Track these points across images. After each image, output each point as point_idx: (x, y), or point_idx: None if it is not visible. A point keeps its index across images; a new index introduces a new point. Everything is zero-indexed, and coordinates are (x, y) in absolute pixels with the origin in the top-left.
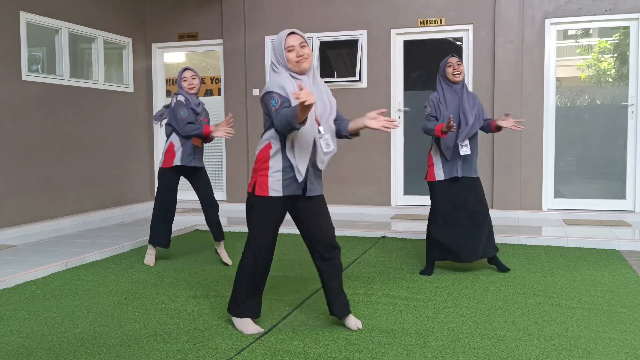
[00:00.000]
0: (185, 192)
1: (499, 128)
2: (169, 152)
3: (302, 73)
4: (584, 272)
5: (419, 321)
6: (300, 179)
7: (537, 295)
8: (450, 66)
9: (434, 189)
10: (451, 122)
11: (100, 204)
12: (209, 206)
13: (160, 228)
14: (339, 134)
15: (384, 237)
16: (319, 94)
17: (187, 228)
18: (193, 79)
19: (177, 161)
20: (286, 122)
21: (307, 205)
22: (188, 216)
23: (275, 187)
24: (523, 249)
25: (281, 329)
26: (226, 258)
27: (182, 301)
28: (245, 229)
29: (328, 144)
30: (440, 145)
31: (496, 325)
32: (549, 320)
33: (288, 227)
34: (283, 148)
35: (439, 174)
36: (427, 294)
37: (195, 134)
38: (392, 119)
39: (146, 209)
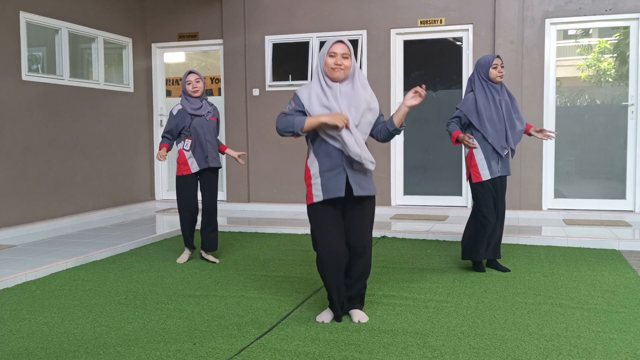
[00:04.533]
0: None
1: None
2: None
3: (334, 81)
4: (584, 272)
5: (419, 321)
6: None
7: (537, 295)
8: (495, 67)
9: (479, 190)
10: (472, 143)
11: (100, 204)
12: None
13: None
14: (387, 133)
15: (384, 237)
16: (354, 101)
17: None
18: (197, 82)
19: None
20: (290, 126)
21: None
22: None
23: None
24: (523, 249)
25: (281, 329)
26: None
27: (182, 301)
28: (245, 229)
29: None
30: (494, 146)
31: (496, 325)
32: (549, 320)
33: (288, 227)
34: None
35: (485, 174)
36: (427, 294)
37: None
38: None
39: (146, 209)
